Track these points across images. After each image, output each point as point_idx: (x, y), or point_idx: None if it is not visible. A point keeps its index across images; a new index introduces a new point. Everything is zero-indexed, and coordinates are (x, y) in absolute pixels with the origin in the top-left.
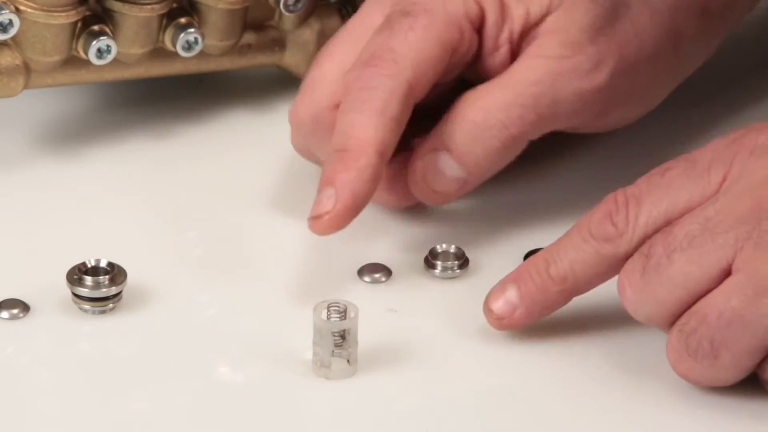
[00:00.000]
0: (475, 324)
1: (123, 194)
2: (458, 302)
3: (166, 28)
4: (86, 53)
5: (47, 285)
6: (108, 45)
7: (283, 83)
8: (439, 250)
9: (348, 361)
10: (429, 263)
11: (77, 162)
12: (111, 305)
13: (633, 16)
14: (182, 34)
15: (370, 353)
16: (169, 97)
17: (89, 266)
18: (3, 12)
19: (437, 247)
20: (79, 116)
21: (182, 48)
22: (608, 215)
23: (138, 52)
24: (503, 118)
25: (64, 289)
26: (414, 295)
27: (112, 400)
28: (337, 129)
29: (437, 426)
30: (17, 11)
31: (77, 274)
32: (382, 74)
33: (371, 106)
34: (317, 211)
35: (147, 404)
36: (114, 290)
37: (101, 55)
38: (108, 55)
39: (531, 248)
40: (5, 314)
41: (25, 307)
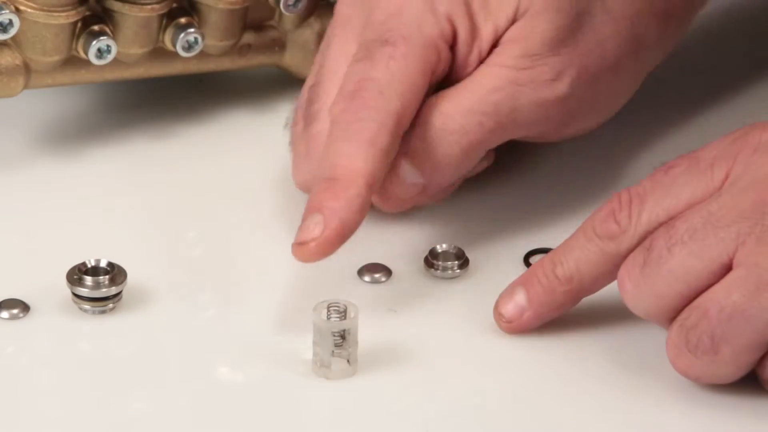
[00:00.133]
0: (475, 324)
1: (123, 194)
2: (458, 302)
3: (166, 28)
4: (86, 53)
5: (47, 285)
6: (108, 45)
7: (283, 83)
8: (439, 250)
9: (348, 361)
10: (429, 263)
11: (77, 162)
12: (111, 305)
13: (596, 26)
14: (182, 34)
15: (370, 353)
16: (169, 97)
17: (89, 266)
18: (3, 12)
19: (437, 247)
20: (79, 116)
21: (182, 48)
22: (612, 214)
23: (138, 52)
24: (463, 123)
25: (64, 289)
26: (414, 295)
27: (112, 400)
28: (326, 157)
29: (437, 426)
30: (17, 11)
31: (77, 274)
32: (370, 106)
33: (361, 137)
34: (303, 237)
35: (147, 404)
36: (114, 290)
37: (101, 55)
38: (108, 55)
39: (531, 248)
40: (5, 314)
41: (25, 307)
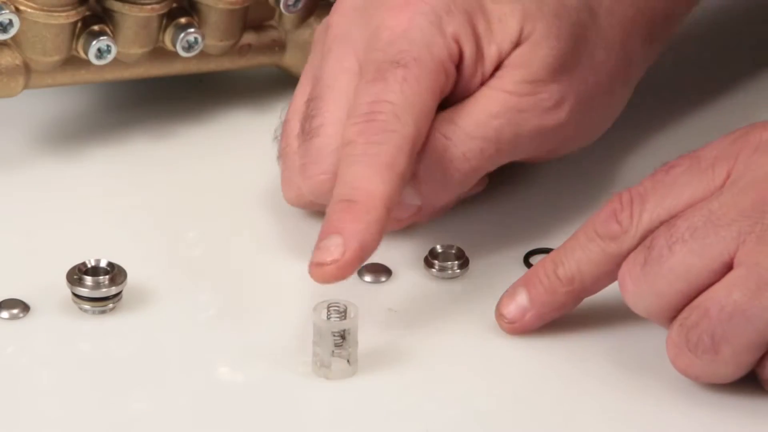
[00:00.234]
0: (475, 324)
1: (123, 194)
2: (458, 302)
3: (166, 28)
4: (86, 53)
5: (47, 285)
6: (108, 45)
7: (283, 83)
8: (439, 250)
9: (348, 361)
10: (429, 263)
11: (77, 162)
12: (111, 305)
13: (590, 52)
14: (182, 34)
15: (370, 353)
16: (169, 97)
17: (89, 266)
18: (3, 12)
19: (437, 247)
20: (79, 116)
21: (182, 48)
22: (613, 214)
23: (138, 52)
24: (465, 150)
25: (64, 289)
26: (414, 295)
27: (112, 400)
28: (343, 180)
29: (437, 426)
30: (17, 11)
31: (77, 274)
32: (387, 130)
33: (379, 160)
34: (322, 258)
35: (147, 404)
36: (114, 290)
37: (101, 55)
38: (108, 55)
39: (531, 248)
40: (5, 314)
41: (25, 307)
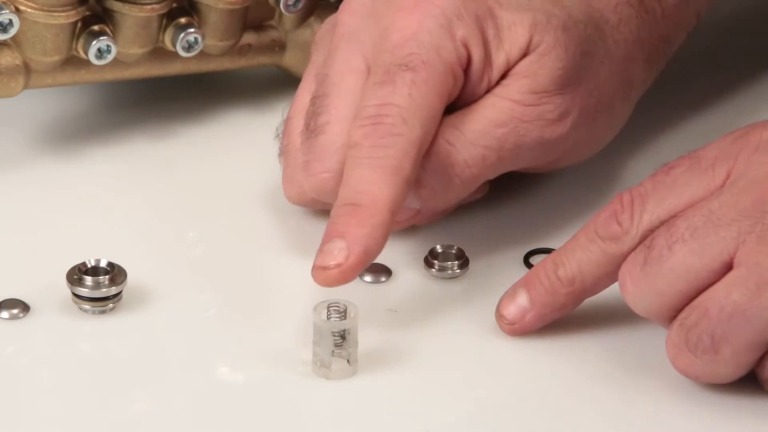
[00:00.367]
0: (475, 324)
1: (123, 194)
2: (458, 302)
3: (166, 28)
4: (86, 53)
5: (47, 285)
6: (108, 45)
7: (283, 83)
8: (439, 250)
9: (348, 361)
10: (429, 263)
11: (77, 162)
12: (111, 305)
13: (595, 68)
14: (182, 34)
15: (370, 353)
16: (169, 97)
17: (89, 266)
18: (3, 12)
19: (437, 247)
20: (79, 116)
21: (182, 48)
22: (614, 215)
23: (138, 52)
24: (467, 157)
25: (64, 289)
26: (414, 295)
27: (112, 400)
28: (348, 183)
29: (437, 426)
30: (17, 11)
31: (77, 274)
32: (394, 133)
33: (385, 164)
34: (326, 261)
35: (147, 404)
36: (114, 290)
37: (101, 55)
38: (108, 55)
39: (531, 249)
40: (5, 314)
41: (25, 307)
